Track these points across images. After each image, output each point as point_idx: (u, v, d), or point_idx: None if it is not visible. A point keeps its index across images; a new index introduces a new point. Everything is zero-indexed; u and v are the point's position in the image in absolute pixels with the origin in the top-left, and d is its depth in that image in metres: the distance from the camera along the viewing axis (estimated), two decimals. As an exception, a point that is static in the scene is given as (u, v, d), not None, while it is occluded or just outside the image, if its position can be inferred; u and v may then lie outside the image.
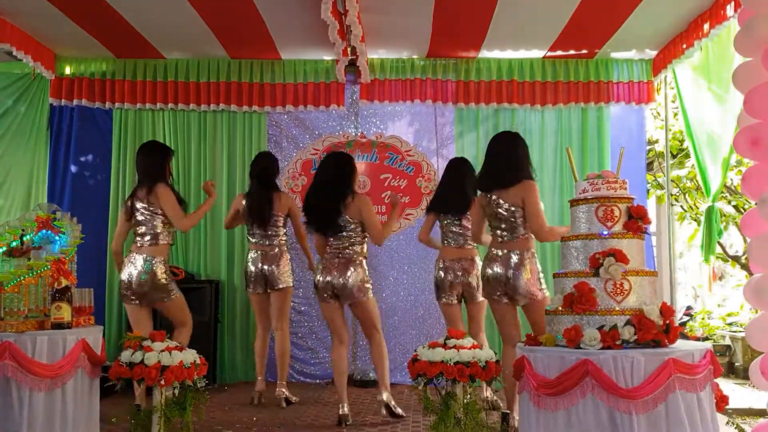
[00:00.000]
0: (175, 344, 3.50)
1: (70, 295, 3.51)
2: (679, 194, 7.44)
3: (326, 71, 6.20)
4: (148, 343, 3.44)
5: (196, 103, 6.19)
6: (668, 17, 5.21)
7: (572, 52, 6.01)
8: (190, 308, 4.60)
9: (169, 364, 3.34)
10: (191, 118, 6.29)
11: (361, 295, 4.37)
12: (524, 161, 4.09)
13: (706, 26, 4.97)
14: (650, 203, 7.58)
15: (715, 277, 9.17)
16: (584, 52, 6.02)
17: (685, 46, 5.34)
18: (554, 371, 2.83)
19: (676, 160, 7.36)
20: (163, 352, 3.39)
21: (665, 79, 6.12)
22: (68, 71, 6.17)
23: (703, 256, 5.47)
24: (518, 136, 4.23)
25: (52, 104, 6.16)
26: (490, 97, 6.13)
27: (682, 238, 8.81)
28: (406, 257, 6.18)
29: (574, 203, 3.19)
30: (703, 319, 7.65)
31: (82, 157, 6.27)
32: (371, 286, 4.49)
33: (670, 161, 6.29)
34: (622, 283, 2.92)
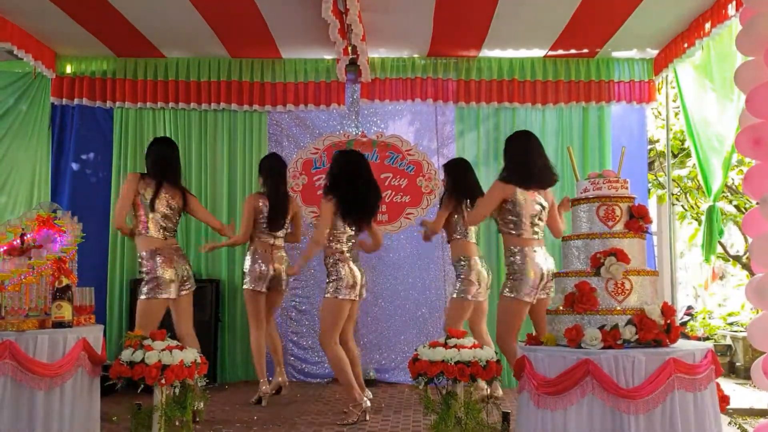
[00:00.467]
0: (175, 343, 3.51)
1: (70, 294, 3.52)
2: (680, 194, 7.43)
3: (327, 70, 6.19)
4: (148, 342, 3.44)
5: (196, 102, 6.18)
6: (669, 16, 5.21)
7: (573, 51, 6.00)
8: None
9: (169, 363, 3.35)
10: (192, 117, 6.29)
11: None
12: (506, 161, 4.37)
13: (707, 25, 4.97)
14: (651, 203, 7.57)
15: (714, 276, 9.17)
16: (585, 51, 6.01)
17: (686, 45, 5.33)
18: (555, 371, 2.83)
19: (677, 159, 7.35)
20: (163, 351, 3.39)
21: (666, 78, 6.11)
22: (69, 70, 6.17)
23: (703, 255, 5.46)
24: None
25: (53, 103, 6.15)
26: (490, 96, 6.13)
27: (682, 237, 8.80)
28: (406, 257, 6.17)
29: (575, 202, 3.19)
30: (703, 318, 7.65)
31: (83, 155, 6.27)
32: None
33: (671, 161, 6.29)
34: (623, 282, 2.92)
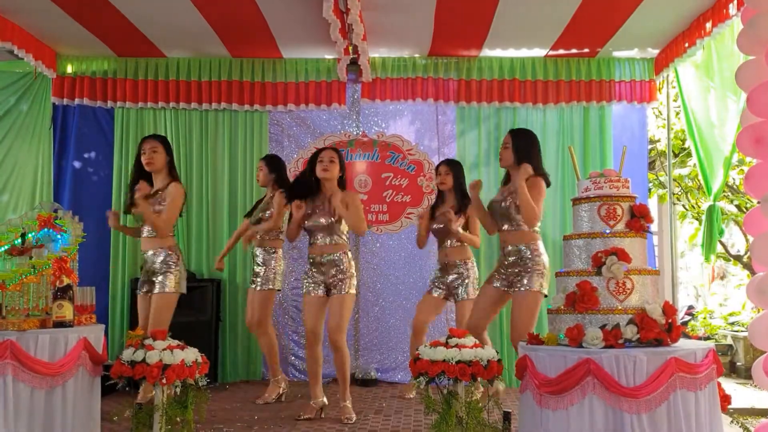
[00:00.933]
0: (176, 343, 3.51)
1: (71, 293, 3.52)
2: (680, 193, 7.43)
3: (328, 70, 6.19)
4: (149, 341, 3.44)
5: (197, 101, 6.18)
6: (670, 16, 5.20)
7: (574, 50, 6.00)
8: (191, 307, 4.60)
9: (170, 362, 3.34)
10: (192, 116, 6.29)
11: None
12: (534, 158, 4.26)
13: (708, 25, 4.96)
14: (652, 202, 7.58)
15: (714, 276, 9.17)
16: (586, 50, 6.01)
17: (687, 44, 5.33)
18: (556, 370, 2.83)
19: (677, 159, 7.35)
20: (164, 350, 3.38)
21: (667, 78, 6.11)
22: (70, 70, 6.17)
23: (703, 255, 5.46)
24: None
25: (54, 103, 6.15)
26: (491, 95, 6.12)
27: (683, 237, 8.81)
28: (407, 256, 6.17)
29: (576, 202, 3.19)
30: (704, 318, 7.65)
31: (84, 155, 6.27)
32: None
33: (671, 160, 6.29)
34: (624, 281, 2.91)
